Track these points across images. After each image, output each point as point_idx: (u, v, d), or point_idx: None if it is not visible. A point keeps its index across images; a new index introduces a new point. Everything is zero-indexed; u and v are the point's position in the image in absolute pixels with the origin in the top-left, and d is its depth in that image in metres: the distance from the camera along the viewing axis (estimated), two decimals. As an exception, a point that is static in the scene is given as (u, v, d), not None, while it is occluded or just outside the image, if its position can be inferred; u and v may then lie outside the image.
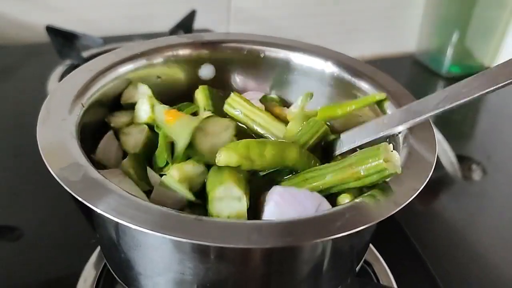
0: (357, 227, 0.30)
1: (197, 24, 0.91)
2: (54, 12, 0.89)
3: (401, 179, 0.34)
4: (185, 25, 0.88)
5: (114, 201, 0.31)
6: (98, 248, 0.51)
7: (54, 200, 0.58)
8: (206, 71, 0.51)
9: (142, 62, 0.47)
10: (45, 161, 0.33)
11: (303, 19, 1.06)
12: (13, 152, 0.66)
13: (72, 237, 0.54)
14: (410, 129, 0.39)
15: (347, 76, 0.48)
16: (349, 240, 0.37)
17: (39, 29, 0.82)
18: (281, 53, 0.51)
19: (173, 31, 0.87)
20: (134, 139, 0.44)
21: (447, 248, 0.61)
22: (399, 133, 0.40)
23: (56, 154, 0.34)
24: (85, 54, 0.83)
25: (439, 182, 0.74)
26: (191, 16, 0.89)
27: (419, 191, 0.33)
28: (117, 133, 0.45)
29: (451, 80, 1.07)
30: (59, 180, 0.32)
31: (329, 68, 0.49)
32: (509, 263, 0.60)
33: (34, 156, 0.34)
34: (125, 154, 0.44)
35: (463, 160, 0.78)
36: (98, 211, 0.30)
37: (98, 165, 0.42)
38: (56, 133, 0.36)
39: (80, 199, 0.31)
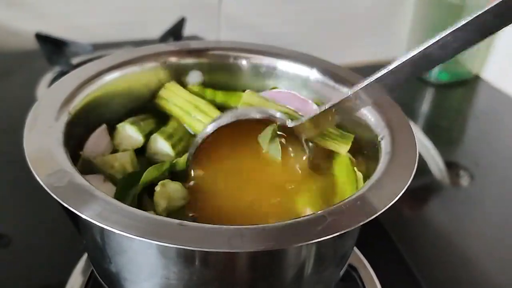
0: (339, 231, 0.31)
1: (187, 31, 0.91)
2: (43, 19, 0.89)
3: (382, 184, 0.35)
4: (175, 32, 0.89)
5: (99, 207, 0.31)
6: (86, 255, 0.51)
7: (41, 207, 0.58)
8: (194, 77, 0.51)
9: (129, 69, 0.47)
10: (31, 167, 0.34)
11: (292, 26, 1.07)
12: (1, 158, 0.66)
13: (60, 244, 0.54)
14: (392, 135, 0.40)
15: (331, 83, 0.49)
16: (331, 244, 0.38)
17: (29, 36, 0.82)
18: (266, 60, 0.52)
19: (163, 38, 0.87)
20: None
21: (434, 254, 0.61)
22: (381, 139, 0.41)
23: (43, 161, 0.34)
24: (75, 60, 0.83)
25: (427, 188, 0.74)
26: (180, 23, 0.90)
27: (399, 195, 0.33)
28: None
29: (440, 87, 1.08)
30: (44, 186, 0.32)
31: (314, 75, 0.50)
32: (496, 269, 0.61)
33: (22, 163, 0.34)
34: (114, 151, 0.45)
35: (451, 166, 0.79)
36: (84, 216, 0.31)
37: (84, 162, 0.42)
38: (42, 140, 0.37)
39: (65, 205, 0.31)
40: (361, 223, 0.31)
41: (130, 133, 0.45)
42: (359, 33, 1.15)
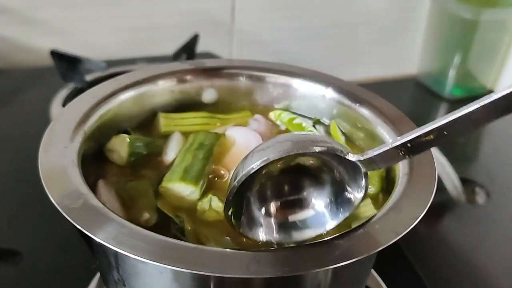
0: (356, 257, 0.30)
1: (200, 47, 0.92)
2: (58, 36, 0.90)
3: (401, 207, 0.34)
4: (188, 48, 0.89)
5: (113, 230, 0.31)
6: (98, 274, 0.51)
7: (55, 224, 0.58)
8: (209, 95, 0.51)
9: (144, 88, 0.48)
10: (45, 188, 0.33)
11: (304, 42, 1.07)
12: (15, 175, 0.66)
13: (72, 262, 0.55)
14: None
15: (347, 102, 0.48)
16: (349, 268, 0.37)
17: (44, 53, 0.83)
18: (281, 79, 0.51)
19: (177, 55, 0.88)
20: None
21: (450, 273, 0.60)
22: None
23: (57, 181, 0.34)
24: (89, 77, 0.83)
25: (442, 205, 0.73)
26: (194, 40, 0.90)
27: (418, 219, 0.33)
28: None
29: (454, 102, 1.07)
30: (58, 207, 0.32)
31: (330, 94, 0.49)
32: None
33: (36, 180, 0.34)
34: None
35: (467, 183, 0.78)
36: (97, 240, 0.30)
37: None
38: (57, 161, 0.36)
39: (79, 227, 0.31)
40: (379, 249, 0.30)
41: None
42: (370, 49, 1.15)
